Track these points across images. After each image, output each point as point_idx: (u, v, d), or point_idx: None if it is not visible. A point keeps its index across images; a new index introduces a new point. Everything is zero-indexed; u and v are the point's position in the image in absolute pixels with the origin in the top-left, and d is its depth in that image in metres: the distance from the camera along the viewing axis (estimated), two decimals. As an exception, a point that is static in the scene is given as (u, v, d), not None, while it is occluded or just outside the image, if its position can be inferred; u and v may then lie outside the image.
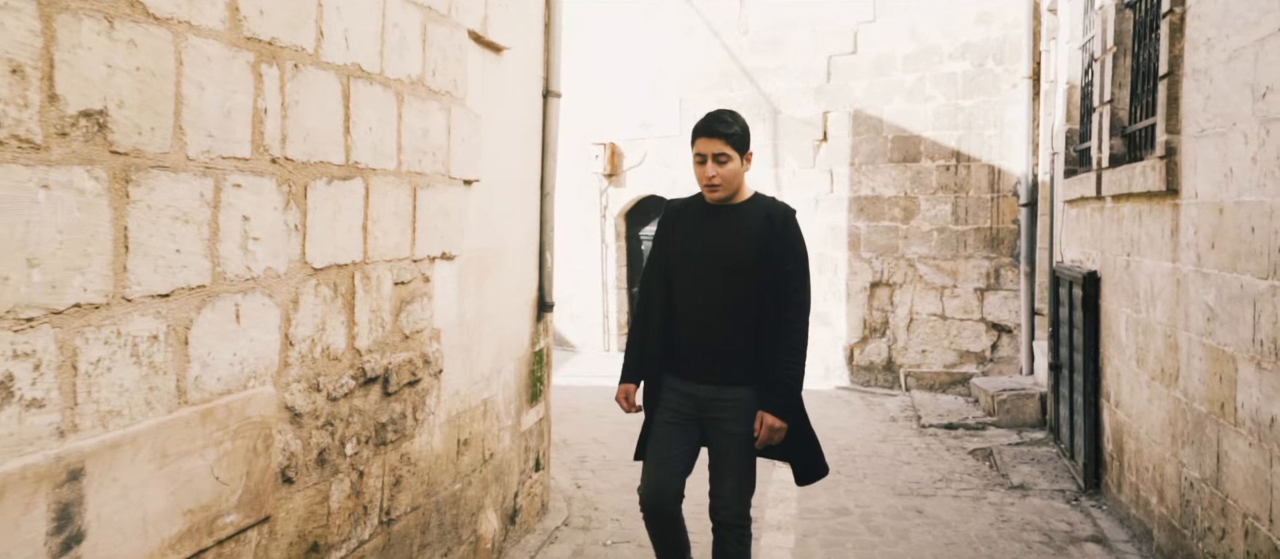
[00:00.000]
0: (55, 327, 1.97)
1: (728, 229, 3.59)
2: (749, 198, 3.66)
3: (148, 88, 2.20)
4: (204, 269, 2.44)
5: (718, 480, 3.64)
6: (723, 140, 3.51)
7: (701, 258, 3.59)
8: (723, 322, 3.55)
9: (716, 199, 3.61)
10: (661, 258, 3.72)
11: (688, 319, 3.62)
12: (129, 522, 2.19)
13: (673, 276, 3.66)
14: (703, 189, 3.62)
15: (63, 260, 1.99)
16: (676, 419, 3.66)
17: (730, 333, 3.55)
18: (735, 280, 3.54)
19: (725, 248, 3.57)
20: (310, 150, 2.91)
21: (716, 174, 3.52)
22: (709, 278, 3.57)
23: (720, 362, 3.57)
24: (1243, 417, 3.85)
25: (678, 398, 3.65)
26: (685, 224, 3.69)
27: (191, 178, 2.37)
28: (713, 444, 3.66)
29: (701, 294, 3.58)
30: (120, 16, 2.11)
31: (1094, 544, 5.32)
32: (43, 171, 1.92)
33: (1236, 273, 3.93)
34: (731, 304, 3.54)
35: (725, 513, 3.61)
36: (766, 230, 3.56)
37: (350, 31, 3.10)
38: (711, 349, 3.57)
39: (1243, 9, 3.92)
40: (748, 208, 3.63)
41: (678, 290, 3.64)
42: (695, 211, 3.70)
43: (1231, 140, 4.00)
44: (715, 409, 3.60)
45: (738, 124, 3.55)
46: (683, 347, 3.63)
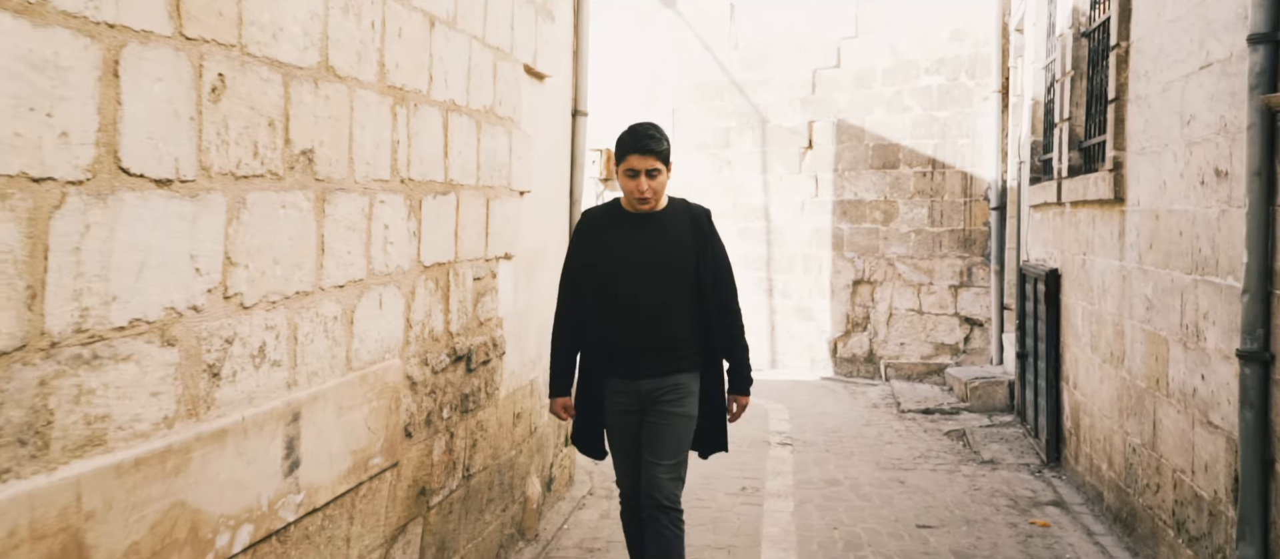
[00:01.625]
0: (287, 308, 2.70)
1: (660, 234, 3.76)
2: (667, 203, 3.85)
3: (335, 130, 2.93)
4: (362, 266, 3.17)
5: (655, 458, 3.75)
6: (655, 157, 3.66)
7: (639, 262, 3.72)
8: (663, 319, 3.73)
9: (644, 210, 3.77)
10: (586, 267, 3.83)
11: (627, 321, 3.73)
12: (322, 456, 2.92)
13: (605, 283, 3.76)
14: (634, 202, 3.75)
15: (291, 259, 2.71)
16: (627, 419, 3.83)
17: (670, 328, 3.74)
18: (673, 280, 3.73)
19: (661, 251, 3.73)
20: (424, 171, 3.63)
21: (649, 188, 3.68)
22: (648, 280, 3.71)
23: (662, 355, 3.74)
24: (1173, 389, 4.64)
25: (624, 398, 3.81)
26: (612, 233, 3.80)
27: (357, 196, 3.10)
28: (652, 425, 3.78)
29: (641, 296, 3.71)
30: (321, 79, 2.83)
31: (1054, 507, 6.11)
32: (282, 195, 2.65)
33: (1168, 269, 4.72)
34: (671, 302, 3.73)
35: (660, 494, 3.71)
36: (694, 230, 3.79)
37: (449, 74, 3.84)
38: (653, 346, 3.73)
39: (1173, 49, 4.71)
40: (671, 213, 3.83)
41: (612, 295, 3.75)
42: (619, 220, 3.82)
43: (1164, 158, 4.80)
44: (658, 395, 3.76)
45: (665, 139, 3.73)
46: (623, 347, 3.76)
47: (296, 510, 2.78)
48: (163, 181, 2.16)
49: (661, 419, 3.75)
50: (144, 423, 2.13)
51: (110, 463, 2.02)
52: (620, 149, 3.71)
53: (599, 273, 3.77)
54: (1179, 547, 4.51)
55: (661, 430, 3.75)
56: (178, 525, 2.24)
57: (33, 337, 1.82)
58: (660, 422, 3.76)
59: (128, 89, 2.04)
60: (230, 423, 2.44)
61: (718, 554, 5.15)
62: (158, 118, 2.13)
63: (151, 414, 2.16)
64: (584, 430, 3.96)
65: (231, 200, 2.42)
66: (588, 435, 3.97)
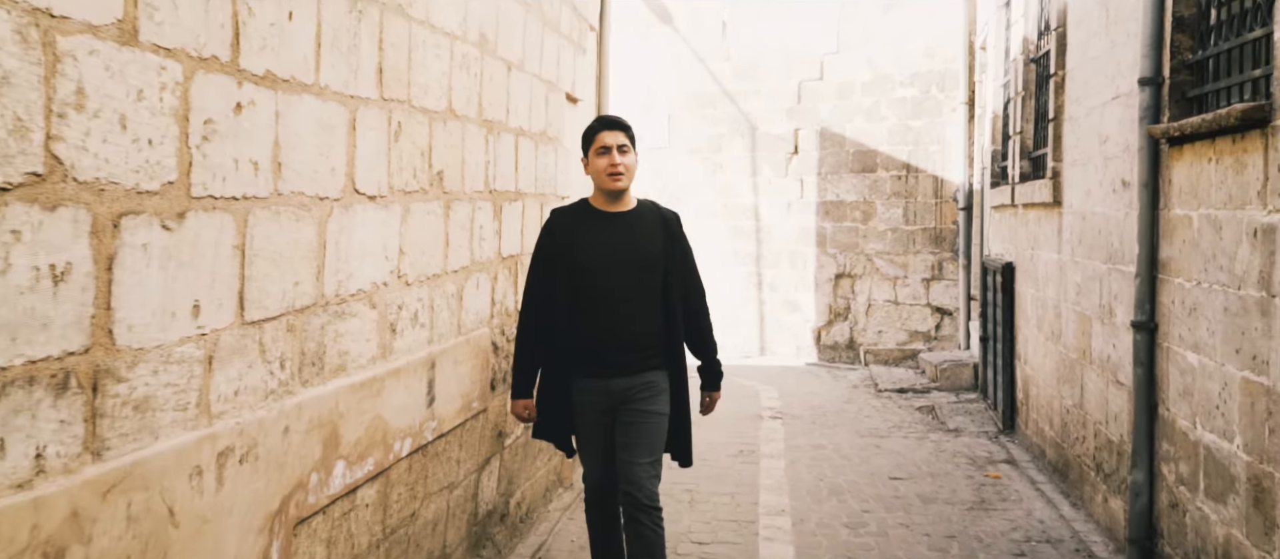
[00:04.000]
0: (428, 286, 3.75)
1: (631, 233, 3.76)
2: (636, 204, 3.85)
3: (454, 155, 3.98)
4: (467, 257, 4.21)
5: (631, 457, 3.72)
6: (624, 133, 3.74)
7: (610, 262, 3.71)
8: (634, 318, 3.73)
9: (617, 190, 3.72)
10: (555, 266, 3.78)
11: (598, 320, 3.71)
12: (445, 396, 3.97)
13: (575, 281, 3.72)
14: (605, 180, 3.71)
15: (431, 250, 3.76)
16: (598, 416, 3.79)
17: (642, 327, 3.74)
18: (644, 279, 3.74)
19: (632, 251, 3.73)
20: (503, 184, 4.68)
21: (621, 163, 3.68)
22: (620, 279, 3.70)
23: (634, 354, 3.74)
24: (1094, 357, 5.73)
25: (594, 397, 3.77)
26: (582, 233, 3.76)
27: (466, 204, 4.15)
28: (626, 424, 3.76)
29: (613, 295, 3.70)
30: (448, 119, 3.88)
31: (1006, 464, 7.21)
32: (428, 204, 3.70)
33: (1092, 260, 5.80)
34: (642, 301, 3.74)
35: (641, 494, 3.68)
36: (665, 231, 3.82)
37: (517, 106, 4.88)
38: (625, 345, 3.72)
39: (1095, 80, 5.80)
40: (642, 213, 3.84)
41: (584, 294, 3.72)
42: (591, 219, 3.80)
43: (1089, 169, 5.89)
44: (630, 394, 3.75)
45: (629, 122, 3.84)
46: (594, 347, 3.73)
47: (433, 433, 3.83)
48: (372, 197, 3.21)
49: (637, 417, 3.74)
50: (362, 359, 3.18)
51: (348, 383, 3.07)
52: (589, 133, 3.77)
53: (569, 271, 3.73)
54: (1097, 483, 5.61)
55: (638, 428, 3.73)
56: (376, 430, 3.29)
57: (317, 298, 2.87)
58: (636, 420, 3.75)
59: (360, 136, 3.09)
60: (401, 365, 3.49)
61: (723, 498, 6.21)
62: (370, 154, 3.18)
63: (366, 353, 3.21)
64: (551, 424, 3.90)
65: (403, 209, 3.47)
66: (555, 428, 3.91)
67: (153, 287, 2.10)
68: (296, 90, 2.69)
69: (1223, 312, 3.89)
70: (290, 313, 2.71)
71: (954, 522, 5.77)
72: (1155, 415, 4.68)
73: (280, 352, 2.66)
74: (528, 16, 4.90)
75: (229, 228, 2.39)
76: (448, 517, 4.05)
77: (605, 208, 3.79)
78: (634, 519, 3.68)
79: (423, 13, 3.55)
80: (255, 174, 2.49)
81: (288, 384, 2.71)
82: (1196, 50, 4.45)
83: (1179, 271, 4.39)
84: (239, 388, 2.46)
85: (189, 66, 2.19)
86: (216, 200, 2.32)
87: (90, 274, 1.91)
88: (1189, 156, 4.27)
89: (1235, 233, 3.78)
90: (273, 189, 2.58)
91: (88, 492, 1.90)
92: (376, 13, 3.17)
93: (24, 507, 1.75)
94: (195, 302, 2.26)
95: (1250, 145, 3.64)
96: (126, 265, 2.01)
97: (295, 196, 2.71)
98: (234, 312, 2.43)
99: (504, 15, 4.52)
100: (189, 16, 2.19)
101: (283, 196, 2.64)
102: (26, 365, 1.76)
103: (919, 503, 6.16)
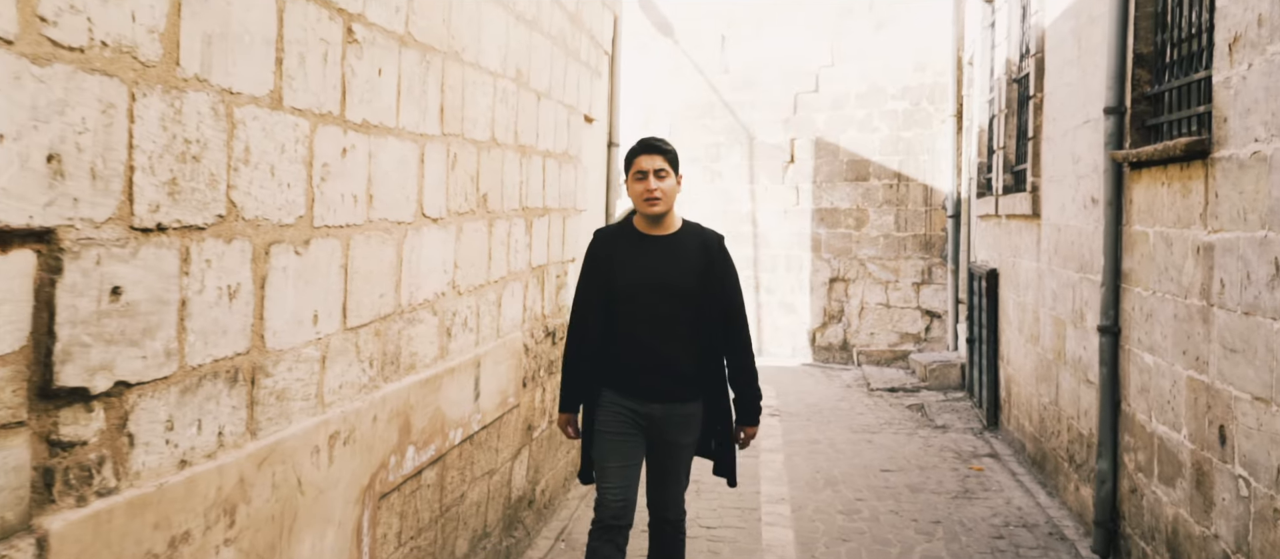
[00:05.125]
0: (474, 295, 4.27)
1: (670, 257, 3.71)
2: (680, 226, 3.80)
3: (495, 179, 4.50)
4: (505, 268, 4.73)
5: (662, 485, 3.82)
6: (661, 156, 3.67)
7: (647, 285, 3.68)
8: (671, 344, 3.68)
9: (654, 215, 3.69)
10: (598, 284, 3.78)
11: (635, 342, 3.69)
12: (487, 392, 4.49)
13: (616, 303, 3.72)
14: (642, 204, 3.69)
15: (477, 263, 4.28)
16: (625, 433, 3.74)
17: (678, 354, 3.70)
18: (681, 305, 3.68)
19: (670, 275, 3.68)
20: (533, 201, 5.20)
21: (657, 188, 3.64)
22: (657, 303, 3.67)
23: (670, 381, 3.71)
24: (1068, 358, 6.27)
25: (625, 414, 3.73)
26: (623, 253, 3.75)
27: (505, 221, 4.67)
28: (660, 455, 3.80)
29: (650, 319, 3.67)
30: (492, 148, 4.40)
31: (989, 458, 7.75)
32: (476, 223, 4.22)
33: (1066, 269, 6.34)
34: (678, 327, 3.69)
35: (669, 511, 3.84)
36: (704, 257, 3.74)
37: (545, 131, 5.40)
38: (662, 370, 3.69)
39: (1069, 104, 6.33)
40: (683, 236, 3.78)
41: (623, 315, 3.71)
42: (631, 240, 3.77)
43: (1064, 186, 6.42)
44: (666, 425, 3.74)
45: (671, 146, 3.74)
46: (631, 367, 3.71)
47: (478, 425, 4.35)
48: (435, 219, 3.73)
49: (673, 452, 3.78)
50: (427, 359, 3.71)
51: (417, 380, 3.59)
52: (629, 157, 3.74)
53: (606, 292, 3.74)
54: (1070, 473, 6.15)
55: (675, 462, 3.80)
56: (436, 420, 3.81)
57: (396, 307, 3.39)
58: (673, 457, 3.79)
59: (427, 168, 3.61)
60: (455, 364, 4.01)
61: (726, 487, 6.73)
62: (434, 183, 3.70)
63: (429, 354, 3.73)
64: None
65: (457, 228, 3.99)
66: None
67: (288, 300, 2.62)
68: (383, 133, 3.21)
69: (1173, 318, 4.43)
70: (377, 320, 3.23)
71: (940, 509, 6.30)
72: (1118, 410, 5.22)
73: (370, 353, 3.18)
74: (554, 49, 5.43)
75: (337, 251, 2.90)
76: (488, 499, 4.57)
77: (646, 230, 3.76)
78: (661, 528, 3.85)
79: (473, 57, 4.07)
80: (354, 206, 3.01)
81: (375, 380, 3.23)
82: (1154, 84, 4.98)
83: (1138, 282, 4.93)
84: (342, 382, 2.98)
85: (313, 122, 2.71)
86: (329, 229, 2.84)
87: (251, 291, 2.43)
88: (1146, 180, 4.81)
89: (1183, 249, 4.31)
90: (366, 217, 3.10)
91: (249, 463, 2.41)
92: (439, 61, 3.69)
93: (212, 472, 2.26)
94: (315, 312, 2.78)
95: (1194, 173, 4.18)
96: (273, 284, 2.53)
97: (381, 222, 3.23)
98: (339, 320, 2.95)
99: (535, 50, 5.04)
100: (314, 80, 2.70)
101: (373, 223, 3.16)
102: (213, 363, 2.28)
103: (908, 492, 6.69)
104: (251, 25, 2.36)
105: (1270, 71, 3.48)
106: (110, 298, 1.91)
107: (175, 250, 2.11)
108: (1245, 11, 3.70)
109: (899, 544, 5.59)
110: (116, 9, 1.88)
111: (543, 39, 5.18)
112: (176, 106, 2.09)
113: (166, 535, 2.09)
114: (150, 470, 2.06)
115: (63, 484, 1.82)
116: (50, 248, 1.76)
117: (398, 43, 3.28)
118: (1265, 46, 3.53)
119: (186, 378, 2.18)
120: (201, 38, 2.16)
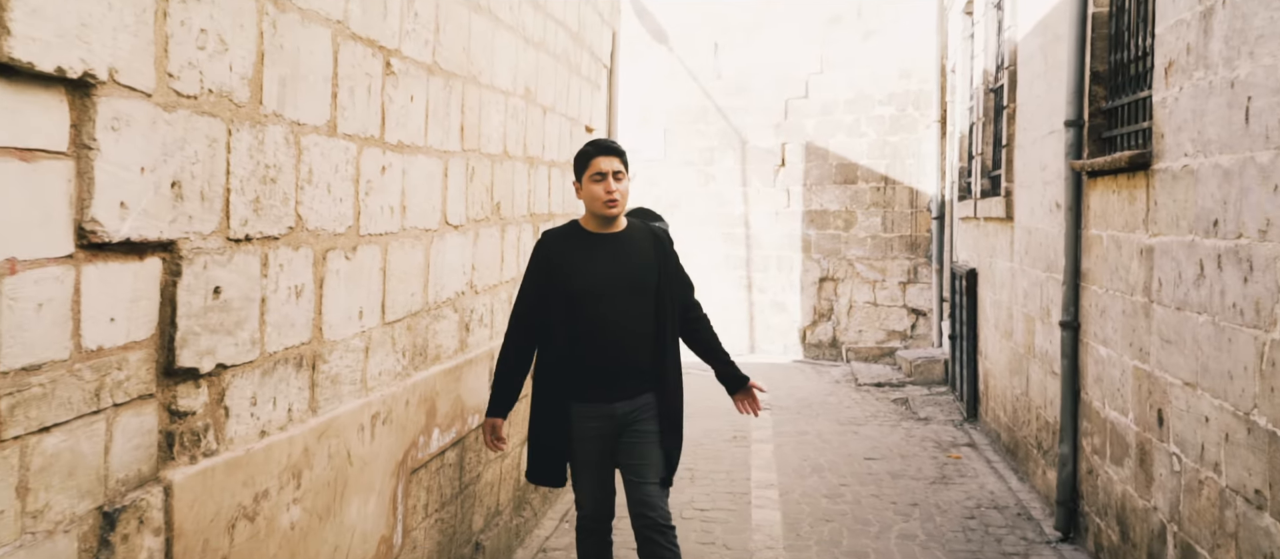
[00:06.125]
0: (489, 293, 4.71)
1: (625, 255, 3.75)
2: (626, 224, 3.84)
3: (507, 188, 4.94)
4: (515, 269, 5.18)
5: (640, 479, 3.74)
6: (618, 158, 3.72)
7: (606, 285, 3.68)
8: (633, 340, 3.71)
9: (612, 215, 3.72)
10: (548, 288, 3.73)
11: (596, 343, 3.68)
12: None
13: (572, 305, 3.68)
14: (601, 206, 3.70)
15: (491, 265, 4.73)
16: (599, 443, 3.76)
17: (640, 349, 3.73)
18: (640, 301, 3.72)
19: (628, 273, 3.72)
20: (539, 208, 5.65)
21: (617, 190, 3.67)
22: (619, 302, 3.69)
23: (633, 377, 3.74)
24: (1037, 352, 6.73)
25: (595, 423, 3.74)
26: (575, 255, 3.73)
27: (515, 226, 5.12)
28: (629, 447, 3.76)
29: (610, 318, 3.68)
30: (505, 161, 4.85)
31: (967, 447, 8.21)
32: (490, 229, 4.66)
33: (1035, 269, 6.80)
34: (639, 323, 3.72)
35: (656, 515, 3.69)
36: (658, 250, 3.82)
37: (550, 142, 5.85)
38: (625, 368, 3.72)
39: (1036, 116, 6.79)
40: (633, 233, 3.83)
41: (580, 317, 3.68)
42: (581, 242, 3.77)
43: (1033, 191, 6.88)
44: (631, 418, 3.75)
45: (623, 147, 3.79)
46: (593, 369, 3.69)
47: (492, 411, 4.80)
48: (456, 226, 4.18)
49: (641, 439, 3.76)
50: (449, 350, 4.15)
51: (441, 369, 4.03)
52: (583, 157, 3.75)
53: (564, 296, 3.69)
54: (1038, 459, 6.61)
55: (645, 452, 3.75)
56: (457, 406, 4.25)
57: (424, 305, 3.83)
58: (641, 443, 3.76)
59: (449, 181, 4.05)
60: (473, 356, 4.46)
61: (720, 475, 7.19)
62: (455, 194, 4.15)
63: (451, 347, 4.18)
64: (543, 461, 3.83)
65: (475, 234, 4.44)
66: (547, 465, 3.83)
67: (340, 298, 3.06)
68: (414, 152, 3.65)
69: (1121, 313, 4.89)
70: (408, 316, 3.68)
71: (918, 493, 6.76)
72: (1078, 399, 5.68)
73: (403, 344, 3.63)
74: (558, 66, 5.88)
75: (378, 256, 3.35)
76: (500, 481, 5.02)
77: (597, 230, 3.77)
78: (650, 540, 3.68)
79: (489, 79, 4.52)
80: (391, 216, 3.45)
81: (407, 369, 3.68)
82: (1109, 100, 5.44)
83: (1095, 280, 5.39)
84: (381, 370, 3.43)
85: (359, 145, 3.16)
86: (372, 237, 3.29)
87: (312, 291, 2.87)
88: (1101, 187, 5.27)
89: (1129, 251, 4.77)
90: (400, 226, 3.55)
91: (311, 435, 2.86)
92: (460, 86, 4.14)
93: (284, 442, 2.71)
94: (360, 308, 3.22)
95: (1138, 183, 4.64)
96: (329, 285, 2.98)
97: (412, 230, 3.67)
98: (379, 316, 3.39)
99: (542, 69, 5.49)
100: (360, 109, 3.15)
101: (406, 231, 3.60)
102: (284, 350, 2.72)
103: (889, 478, 7.15)
104: (314, 66, 2.81)
105: (1197, 95, 3.94)
106: (213, 296, 2.35)
107: (258, 257, 2.56)
108: (1178, 40, 4.16)
109: (878, 524, 6.05)
110: (220, 61, 2.33)
111: (548, 58, 5.63)
112: (260, 138, 2.53)
113: (252, 492, 2.54)
114: (240, 438, 2.51)
115: (180, 446, 2.27)
116: (172, 256, 2.21)
117: (426, 72, 3.73)
118: (1193, 72, 3.99)
119: (265, 362, 2.62)
120: (278, 80, 2.61)
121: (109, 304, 2.01)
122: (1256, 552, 3.38)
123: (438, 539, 4.06)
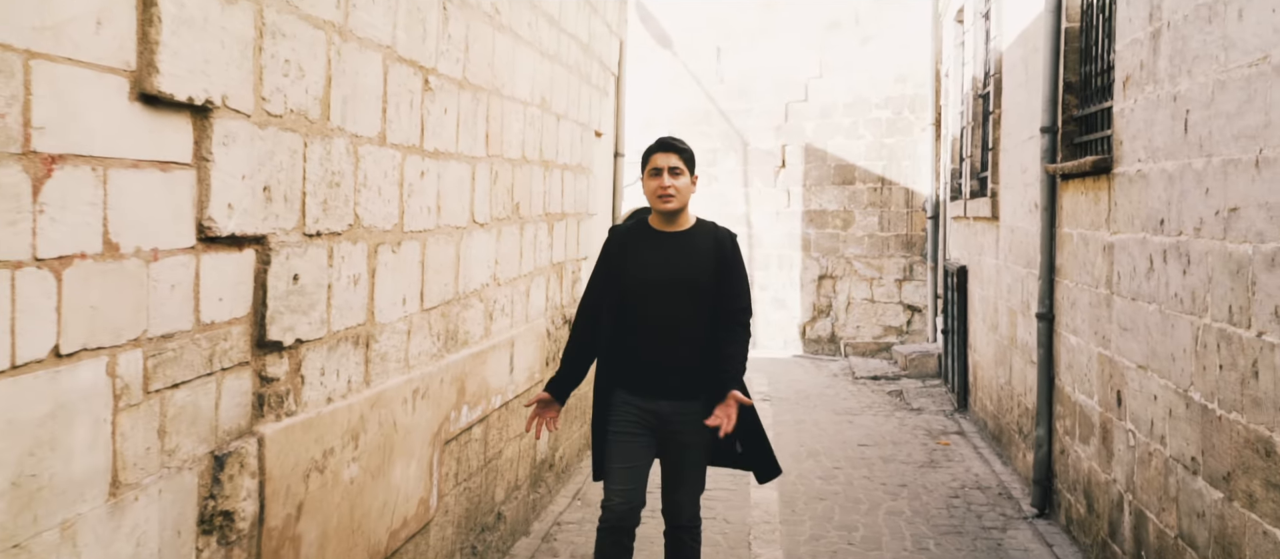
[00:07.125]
0: (510, 286, 5.17)
1: (683, 254, 3.74)
2: (694, 224, 3.84)
3: (525, 190, 5.40)
4: (532, 264, 5.64)
5: (675, 486, 3.80)
6: (677, 155, 3.73)
7: (661, 281, 3.70)
8: (682, 340, 3.70)
9: (668, 211, 3.73)
10: (610, 280, 3.80)
11: (647, 339, 3.70)
12: (519, 367, 5.39)
13: (627, 299, 3.74)
14: (655, 201, 3.72)
15: (512, 260, 5.18)
16: (636, 432, 3.75)
17: (689, 350, 3.70)
18: (693, 301, 3.70)
19: (683, 272, 3.71)
20: (553, 208, 6.11)
21: (671, 186, 3.69)
22: (669, 300, 3.69)
23: (680, 378, 3.70)
24: (1019, 344, 7.18)
25: (635, 412, 3.74)
26: (637, 250, 3.78)
27: (532, 225, 5.57)
28: (670, 455, 3.79)
29: (662, 315, 3.69)
30: (524, 165, 5.31)
31: (956, 435, 8.66)
32: (510, 227, 5.12)
33: (1017, 265, 7.25)
34: (690, 324, 3.70)
35: (682, 516, 3.80)
36: (718, 254, 3.77)
37: (563, 147, 6.30)
38: (673, 367, 3.69)
39: (1019, 122, 7.24)
40: (697, 233, 3.81)
41: (634, 312, 3.73)
42: (645, 237, 3.81)
43: (1015, 192, 7.33)
44: (675, 423, 3.73)
45: (687, 145, 3.79)
46: (642, 364, 3.72)
47: (512, 393, 5.26)
48: (482, 224, 4.64)
49: (685, 453, 3.76)
50: (476, 337, 4.61)
51: (469, 353, 4.49)
52: (646, 154, 3.80)
53: (623, 288, 3.76)
54: (1019, 443, 7.06)
55: (688, 463, 3.78)
56: (482, 387, 4.71)
57: (455, 294, 4.29)
58: (684, 456, 3.77)
59: (476, 184, 4.51)
60: (497, 342, 4.92)
61: (721, 459, 7.64)
62: (482, 195, 4.61)
63: (477, 333, 4.64)
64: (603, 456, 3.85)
65: (497, 232, 4.90)
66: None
67: (388, 287, 3.52)
68: (447, 158, 4.11)
69: (1088, 305, 5.33)
70: (442, 304, 4.14)
71: (907, 475, 7.21)
72: (1053, 385, 6.13)
73: (438, 329, 4.09)
74: (570, 76, 6.34)
75: (417, 250, 3.81)
76: (519, 458, 5.48)
77: (661, 227, 3.80)
78: (675, 535, 3.83)
79: (510, 91, 4.98)
80: (428, 215, 3.91)
81: (441, 351, 4.14)
82: (1080, 108, 5.89)
83: (1067, 275, 5.84)
84: (420, 351, 3.89)
85: (403, 153, 3.62)
86: (414, 233, 3.75)
87: (366, 281, 3.33)
88: (1072, 189, 5.72)
89: (1094, 247, 5.22)
90: (436, 224, 4.01)
91: (366, 404, 3.32)
92: (486, 98, 4.60)
93: (345, 409, 3.17)
94: (403, 296, 3.68)
95: (1101, 185, 5.09)
96: (379, 275, 3.44)
97: (446, 228, 4.13)
98: (418, 303, 3.85)
99: (556, 80, 5.95)
100: (404, 121, 3.61)
101: (440, 228, 4.06)
102: (345, 330, 3.18)
103: (880, 462, 7.61)
104: (369, 86, 3.27)
105: (1148, 107, 4.39)
106: (293, 282, 2.82)
107: (325, 249, 3.02)
108: (1133, 57, 4.61)
109: (868, 502, 6.50)
110: (299, 85, 2.79)
111: (562, 69, 6.09)
112: (328, 149, 2.99)
113: (321, 449, 3.00)
114: (312, 402, 2.97)
115: (268, 406, 2.73)
116: (263, 248, 2.67)
117: (457, 86, 4.19)
118: (1145, 86, 4.44)
119: (331, 339, 3.09)
120: (341, 99, 3.07)
121: (218, 286, 2.47)
122: (1192, 511, 3.83)
123: (465, 505, 4.52)
